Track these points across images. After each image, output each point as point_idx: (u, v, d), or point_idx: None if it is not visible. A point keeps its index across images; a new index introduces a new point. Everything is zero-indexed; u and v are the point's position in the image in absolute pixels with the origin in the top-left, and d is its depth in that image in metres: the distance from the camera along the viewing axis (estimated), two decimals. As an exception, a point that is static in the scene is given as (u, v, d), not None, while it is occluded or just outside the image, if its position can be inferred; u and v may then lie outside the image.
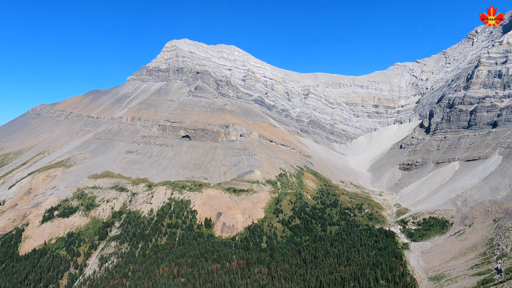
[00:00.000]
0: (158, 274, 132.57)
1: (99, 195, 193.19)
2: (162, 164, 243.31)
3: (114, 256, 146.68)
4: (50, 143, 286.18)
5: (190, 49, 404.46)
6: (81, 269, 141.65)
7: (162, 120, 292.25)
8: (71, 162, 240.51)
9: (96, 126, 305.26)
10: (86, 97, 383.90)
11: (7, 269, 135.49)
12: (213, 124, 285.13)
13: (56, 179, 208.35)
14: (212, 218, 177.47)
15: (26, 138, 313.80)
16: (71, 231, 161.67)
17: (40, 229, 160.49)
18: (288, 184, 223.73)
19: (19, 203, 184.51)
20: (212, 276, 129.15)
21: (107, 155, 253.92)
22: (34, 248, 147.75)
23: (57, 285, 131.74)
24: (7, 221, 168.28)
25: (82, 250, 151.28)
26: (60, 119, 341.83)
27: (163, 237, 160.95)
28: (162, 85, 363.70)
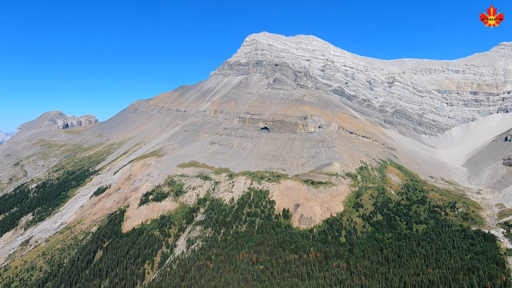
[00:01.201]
0: (238, 259, 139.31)
1: (186, 183, 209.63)
2: (242, 155, 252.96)
3: (199, 240, 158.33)
4: (145, 134, 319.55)
5: (269, 42, 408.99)
6: (171, 249, 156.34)
7: (242, 113, 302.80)
8: (163, 152, 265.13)
9: (183, 119, 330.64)
10: (174, 92, 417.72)
11: (113, 243, 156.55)
12: (291, 116, 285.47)
13: (151, 167, 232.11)
14: (290, 209, 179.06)
15: (126, 130, 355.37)
16: (163, 214, 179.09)
17: (138, 211, 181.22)
18: (369, 178, 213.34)
19: (122, 187, 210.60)
20: (289, 266, 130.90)
21: (193, 145, 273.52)
22: (134, 227, 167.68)
23: (152, 261, 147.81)
24: (112, 202, 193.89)
25: (172, 232, 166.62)
26: (154, 113, 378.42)
27: (243, 225, 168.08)
28: (242, 79, 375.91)
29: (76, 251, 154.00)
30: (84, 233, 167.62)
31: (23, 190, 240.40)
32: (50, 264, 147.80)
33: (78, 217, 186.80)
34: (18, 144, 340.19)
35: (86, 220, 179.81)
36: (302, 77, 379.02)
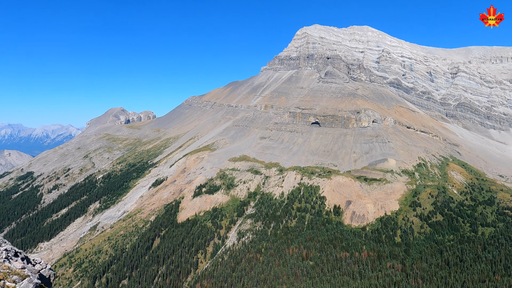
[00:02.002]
0: (288, 254, 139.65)
1: (237, 177, 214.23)
2: (292, 150, 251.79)
3: (250, 232, 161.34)
4: (199, 129, 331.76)
5: (321, 35, 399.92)
6: (223, 240, 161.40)
7: (292, 107, 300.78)
8: (215, 146, 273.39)
9: (234, 114, 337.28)
10: (226, 88, 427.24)
11: (169, 232, 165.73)
12: (343, 110, 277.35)
13: (204, 160, 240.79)
14: (341, 206, 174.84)
15: (181, 125, 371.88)
16: (215, 206, 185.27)
17: (192, 203, 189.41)
18: (428, 175, 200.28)
19: (177, 180, 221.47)
20: (340, 263, 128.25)
21: (243, 140, 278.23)
22: (188, 218, 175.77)
23: (204, 251, 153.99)
24: (168, 194, 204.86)
25: (223, 224, 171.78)
26: (207, 108, 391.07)
27: (292, 220, 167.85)
28: (292, 73, 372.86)
29: (136, 237, 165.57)
30: (143, 222, 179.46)
31: (92, 180, 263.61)
32: (114, 249, 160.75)
33: (138, 206, 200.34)
34: (87, 138, 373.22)
35: (145, 209, 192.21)
36: (355, 69, 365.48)
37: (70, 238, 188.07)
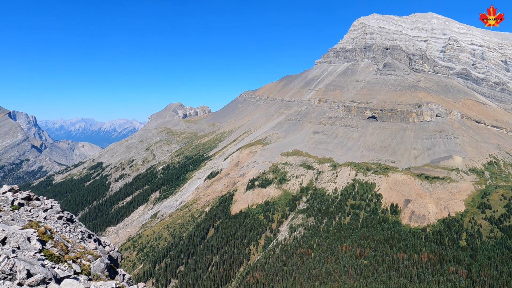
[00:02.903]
0: (340, 251, 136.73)
1: (290, 171, 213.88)
2: (346, 145, 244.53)
3: (302, 228, 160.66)
4: (252, 124, 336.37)
5: (379, 24, 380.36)
6: (274, 234, 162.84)
7: (347, 101, 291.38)
8: (268, 141, 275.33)
9: (287, 109, 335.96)
10: (279, 82, 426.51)
11: (223, 223, 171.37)
12: (403, 104, 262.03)
13: (256, 154, 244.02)
14: (399, 205, 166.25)
15: (235, 120, 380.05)
16: (267, 200, 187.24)
17: (245, 195, 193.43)
18: (500, 175, 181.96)
19: (231, 173, 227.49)
20: (397, 264, 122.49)
21: (296, 135, 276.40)
22: (241, 210, 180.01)
23: (256, 244, 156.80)
24: (222, 186, 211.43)
25: (275, 218, 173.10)
26: (260, 103, 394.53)
27: (346, 217, 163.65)
28: (348, 66, 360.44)
29: (192, 227, 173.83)
30: (199, 212, 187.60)
31: (153, 171, 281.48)
32: (172, 236, 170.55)
33: (194, 197, 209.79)
34: (148, 132, 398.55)
35: (200, 200, 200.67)
36: (417, 60, 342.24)
37: (133, 224, 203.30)
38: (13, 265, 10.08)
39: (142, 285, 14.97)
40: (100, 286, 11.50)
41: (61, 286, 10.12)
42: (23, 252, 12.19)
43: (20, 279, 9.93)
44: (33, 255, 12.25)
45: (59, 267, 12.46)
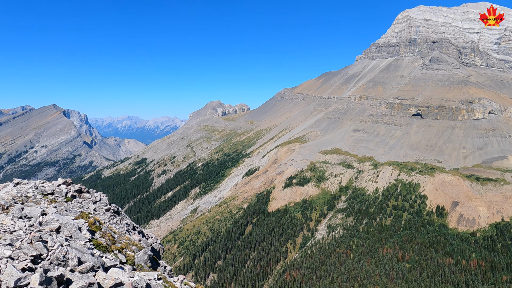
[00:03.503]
0: (381, 253, 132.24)
1: (328, 170, 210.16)
2: (388, 144, 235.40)
3: (340, 227, 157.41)
4: (290, 121, 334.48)
5: (426, 17, 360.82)
6: (312, 233, 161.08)
7: (390, 98, 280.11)
8: (306, 138, 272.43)
9: (326, 106, 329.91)
10: (319, 79, 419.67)
11: (260, 220, 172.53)
12: (451, 100, 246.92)
13: (294, 152, 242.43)
14: (446, 207, 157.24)
15: (273, 117, 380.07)
16: (305, 198, 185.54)
17: (282, 193, 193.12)
18: None
19: (268, 170, 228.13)
20: (443, 270, 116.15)
21: (335, 133, 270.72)
22: (278, 208, 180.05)
23: (294, 242, 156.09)
24: (260, 183, 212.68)
25: (313, 216, 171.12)
26: (298, 100, 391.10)
27: (387, 218, 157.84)
28: (391, 61, 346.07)
29: (230, 223, 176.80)
30: (237, 208, 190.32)
31: (193, 167, 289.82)
32: (211, 231, 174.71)
33: (232, 193, 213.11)
34: (189, 129, 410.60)
35: (238, 197, 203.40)
36: (468, 53, 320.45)
37: (174, 218, 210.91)
38: (66, 253, 10.88)
39: (182, 278, 15.52)
40: (143, 276, 12.08)
41: (108, 274, 10.76)
42: (75, 241, 13.12)
43: (72, 266, 10.70)
44: (83, 244, 13.14)
45: (106, 256, 13.26)
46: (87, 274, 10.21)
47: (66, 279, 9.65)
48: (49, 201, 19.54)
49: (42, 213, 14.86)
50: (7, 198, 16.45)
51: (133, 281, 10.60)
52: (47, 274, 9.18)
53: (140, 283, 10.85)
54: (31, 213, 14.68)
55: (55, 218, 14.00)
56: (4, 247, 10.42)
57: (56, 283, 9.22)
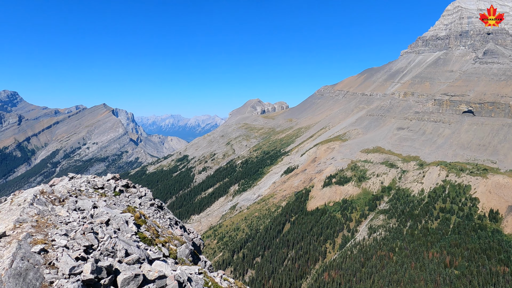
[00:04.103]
0: (426, 258, 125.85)
1: (370, 169, 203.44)
2: (436, 143, 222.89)
3: (382, 229, 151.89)
4: (330, 119, 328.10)
5: (479, 6, 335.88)
6: (352, 233, 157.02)
7: (438, 94, 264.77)
8: (346, 137, 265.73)
9: (368, 103, 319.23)
10: (360, 76, 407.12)
11: (299, 219, 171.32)
12: (508, 96, 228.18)
13: (334, 151, 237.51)
14: (500, 211, 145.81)
15: (312, 115, 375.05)
16: (345, 198, 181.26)
17: (321, 192, 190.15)
18: None
19: (307, 169, 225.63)
20: (496, 278, 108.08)
21: (378, 131, 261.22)
22: (317, 207, 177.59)
23: (333, 242, 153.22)
24: (299, 182, 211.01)
25: (353, 217, 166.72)
26: (339, 98, 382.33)
27: (434, 221, 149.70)
28: (440, 55, 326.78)
29: (269, 220, 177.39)
30: (275, 206, 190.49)
31: (232, 164, 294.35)
32: (250, 228, 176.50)
33: (271, 191, 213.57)
34: (229, 127, 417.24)
35: (277, 195, 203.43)
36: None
37: (214, 214, 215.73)
38: (114, 244, 11.54)
39: (222, 273, 15.85)
40: (185, 270, 12.50)
41: (152, 266, 11.26)
42: (122, 234, 13.87)
43: (120, 257, 11.33)
44: (130, 237, 13.86)
45: (150, 249, 13.89)
46: (133, 266, 10.76)
47: (115, 269, 10.24)
48: (99, 195, 20.84)
49: (93, 206, 15.87)
50: (63, 191, 17.77)
51: (175, 275, 11.00)
52: (98, 264, 9.80)
53: (182, 277, 11.24)
54: (84, 205, 15.75)
55: (105, 211, 14.90)
56: (61, 237, 11.28)
57: (105, 272, 9.82)
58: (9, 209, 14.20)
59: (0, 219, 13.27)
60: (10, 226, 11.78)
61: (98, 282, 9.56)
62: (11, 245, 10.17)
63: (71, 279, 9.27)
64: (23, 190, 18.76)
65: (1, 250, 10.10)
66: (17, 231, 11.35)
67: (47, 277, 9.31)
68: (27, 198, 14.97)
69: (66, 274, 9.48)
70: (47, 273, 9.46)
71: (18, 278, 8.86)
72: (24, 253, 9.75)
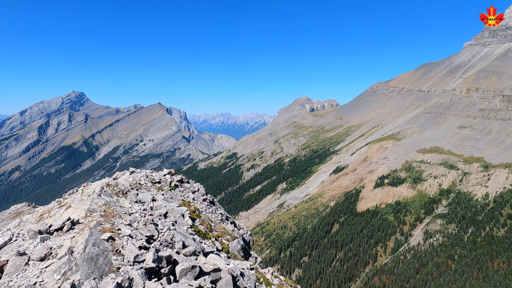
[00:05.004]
0: (491, 268, 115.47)
1: (426, 170, 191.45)
2: (504, 143, 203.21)
3: (440, 234, 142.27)
4: (383, 117, 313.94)
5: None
6: (406, 237, 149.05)
7: (507, 90, 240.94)
8: (401, 136, 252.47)
9: (426, 100, 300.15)
10: (417, 71, 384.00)
11: (348, 220, 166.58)
12: None
13: (387, 150, 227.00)
14: None
15: (364, 113, 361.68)
16: (398, 200, 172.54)
17: (373, 193, 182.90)
18: None
19: (358, 168, 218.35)
20: None
21: (436, 129, 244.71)
22: (368, 208, 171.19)
23: (384, 245, 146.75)
24: (348, 181, 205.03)
25: (407, 220, 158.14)
26: (392, 95, 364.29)
27: (500, 228, 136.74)
28: (510, 47, 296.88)
29: (317, 220, 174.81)
30: (323, 206, 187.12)
31: (280, 162, 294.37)
32: (297, 227, 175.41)
33: (319, 191, 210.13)
34: (277, 125, 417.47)
35: (325, 194, 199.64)
36: None
37: (262, 211, 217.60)
38: (172, 236, 12.17)
39: (272, 270, 15.99)
40: (237, 265, 12.81)
41: (208, 259, 11.70)
42: (179, 226, 14.58)
43: (178, 248, 11.93)
44: (186, 230, 14.51)
45: (205, 242, 14.43)
46: (190, 257, 11.27)
47: (173, 259, 10.81)
48: (157, 189, 22.08)
49: (152, 199, 16.87)
50: (126, 185, 19.12)
51: (229, 268, 11.32)
52: (158, 254, 10.42)
53: (235, 271, 11.54)
54: (144, 198, 16.80)
55: (163, 204, 15.76)
56: (125, 227, 12.16)
57: (165, 262, 10.41)
58: (81, 199, 15.62)
59: (73, 208, 14.64)
60: (82, 214, 12.95)
61: (159, 271, 10.16)
62: (84, 232, 11.19)
63: (135, 266, 9.97)
64: (90, 183, 20.51)
65: (75, 236, 11.16)
66: (88, 219, 12.46)
67: (114, 263, 10.10)
68: (95, 189, 16.34)
69: (131, 261, 10.21)
70: (115, 259, 10.27)
71: (91, 262, 9.73)
72: (95, 239, 10.67)
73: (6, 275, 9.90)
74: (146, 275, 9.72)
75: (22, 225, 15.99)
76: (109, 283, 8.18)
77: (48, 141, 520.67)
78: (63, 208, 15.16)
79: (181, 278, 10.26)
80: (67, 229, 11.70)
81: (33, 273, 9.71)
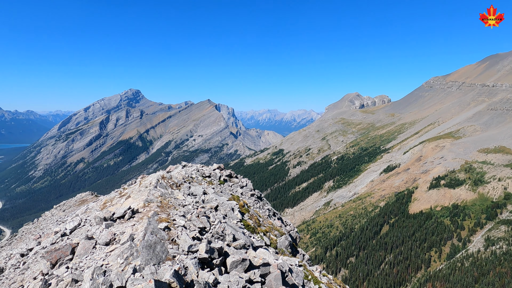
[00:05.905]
0: None
1: (489, 172, 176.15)
2: None
3: (504, 242, 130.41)
4: (440, 114, 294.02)
5: None
6: (464, 243, 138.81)
7: None
8: (460, 134, 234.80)
9: (490, 96, 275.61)
10: (481, 64, 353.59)
11: (399, 222, 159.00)
12: None
13: (444, 149, 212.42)
14: None
15: (419, 110, 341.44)
16: (455, 203, 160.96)
17: (427, 195, 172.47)
18: None
19: (411, 168, 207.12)
20: None
21: (502, 128, 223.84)
22: (421, 210, 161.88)
23: (439, 250, 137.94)
24: (400, 181, 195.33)
25: (466, 225, 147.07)
26: (452, 90, 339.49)
27: None
28: None
29: (365, 220, 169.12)
30: (372, 206, 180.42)
31: (327, 160, 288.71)
32: (344, 226, 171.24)
33: (368, 190, 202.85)
34: (324, 122, 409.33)
35: (375, 194, 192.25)
36: None
37: (308, 209, 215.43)
38: (223, 229, 12.57)
39: (320, 268, 15.86)
40: (286, 261, 12.90)
41: (257, 253, 11.92)
42: (229, 220, 15.00)
43: (228, 241, 12.30)
44: (236, 223, 14.89)
45: (253, 237, 14.70)
46: (240, 250, 11.57)
47: (224, 251, 11.17)
48: (207, 183, 22.87)
49: (203, 192, 17.52)
50: (179, 178, 20.05)
51: (278, 264, 11.44)
52: (211, 245, 10.83)
53: (284, 267, 11.63)
54: (196, 191, 17.50)
55: (214, 198, 16.31)
56: (180, 218, 12.80)
57: (217, 254, 10.79)
58: (139, 190, 16.69)
59: (133, 198, 15.70)
60: (141, 204, 13.86)
61: (211, 262, 10.57)
62: (143, 221, 11.98)
63: (189, 256, 10.47)
64: (146, 175, 21.81)
65: (135, 224, 11.99)
66: (146, 209, 13.30)
67: (170, 251, 10.69)
68: (152, 181, 17.37)
69: (185, 250, 10.74)
70: (170, 248, 10.87)
71: (149, 249, 10.40)
72: (153, 228, 11.38)
73: (77, 256, 10.94)
74: (199, 264, 10.17)
75: (89, 212, 17.51)
76: (167, 270, 8.70)
77: (108, 136, 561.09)
78: (124, 198, 16.33)
79: (231, 270, 10.59)
80: (128, 217, 12.62)
81: (100, 256, 10.63)
